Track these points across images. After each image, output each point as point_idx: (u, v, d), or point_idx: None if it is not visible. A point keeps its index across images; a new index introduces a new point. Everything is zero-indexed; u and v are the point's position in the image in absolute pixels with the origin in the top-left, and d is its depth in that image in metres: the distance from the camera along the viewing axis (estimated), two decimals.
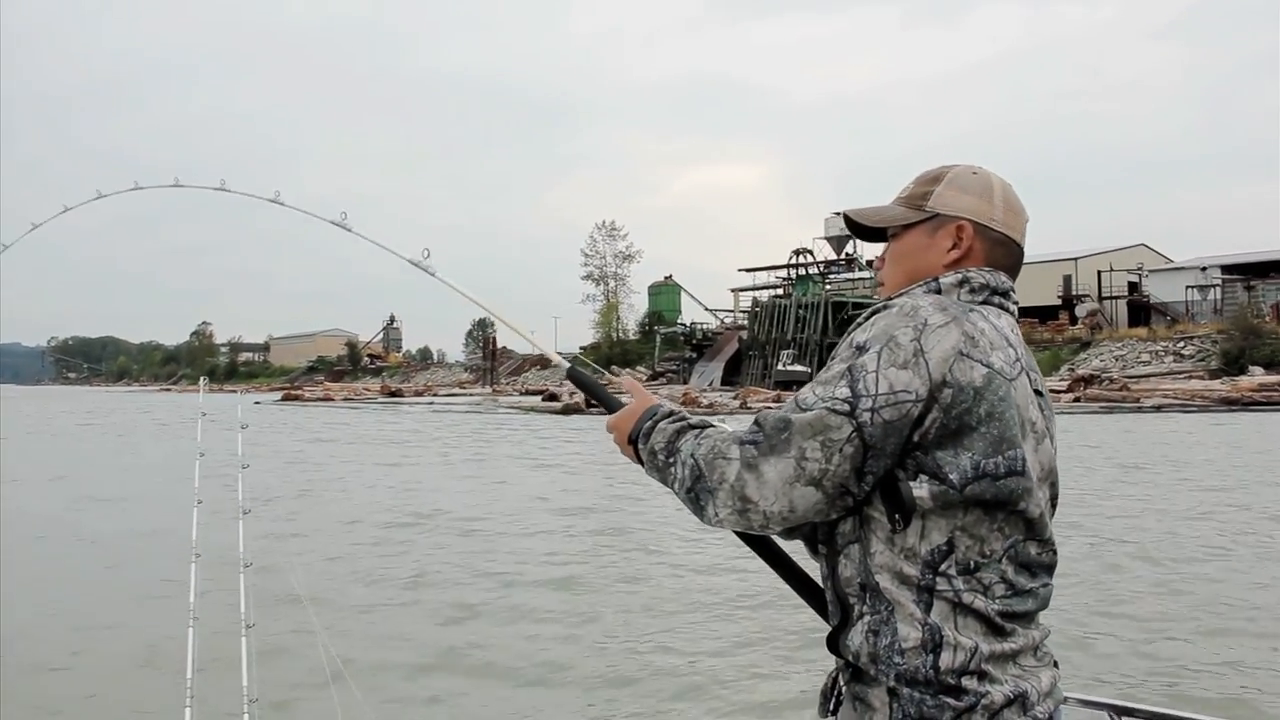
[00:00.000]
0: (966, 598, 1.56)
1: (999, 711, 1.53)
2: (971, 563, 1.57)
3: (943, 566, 1.56)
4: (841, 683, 1.67)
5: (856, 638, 1.60)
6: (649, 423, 1.78)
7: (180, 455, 2.98)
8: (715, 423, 1.77)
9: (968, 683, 1.53)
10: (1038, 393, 1.69)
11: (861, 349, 1.59)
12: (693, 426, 1.74)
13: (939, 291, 1.71)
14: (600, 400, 2.02)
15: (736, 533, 1.78)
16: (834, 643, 1.67)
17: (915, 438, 1.56)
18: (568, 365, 2.15)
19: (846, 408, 1.54)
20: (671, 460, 1.70)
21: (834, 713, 1.70)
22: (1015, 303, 1.79)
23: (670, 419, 1.77)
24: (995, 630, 1.57)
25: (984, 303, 1.71)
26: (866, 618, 1.60)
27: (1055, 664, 1.69)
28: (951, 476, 1.55)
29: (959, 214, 1.77)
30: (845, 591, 1.64)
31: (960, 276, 1.73)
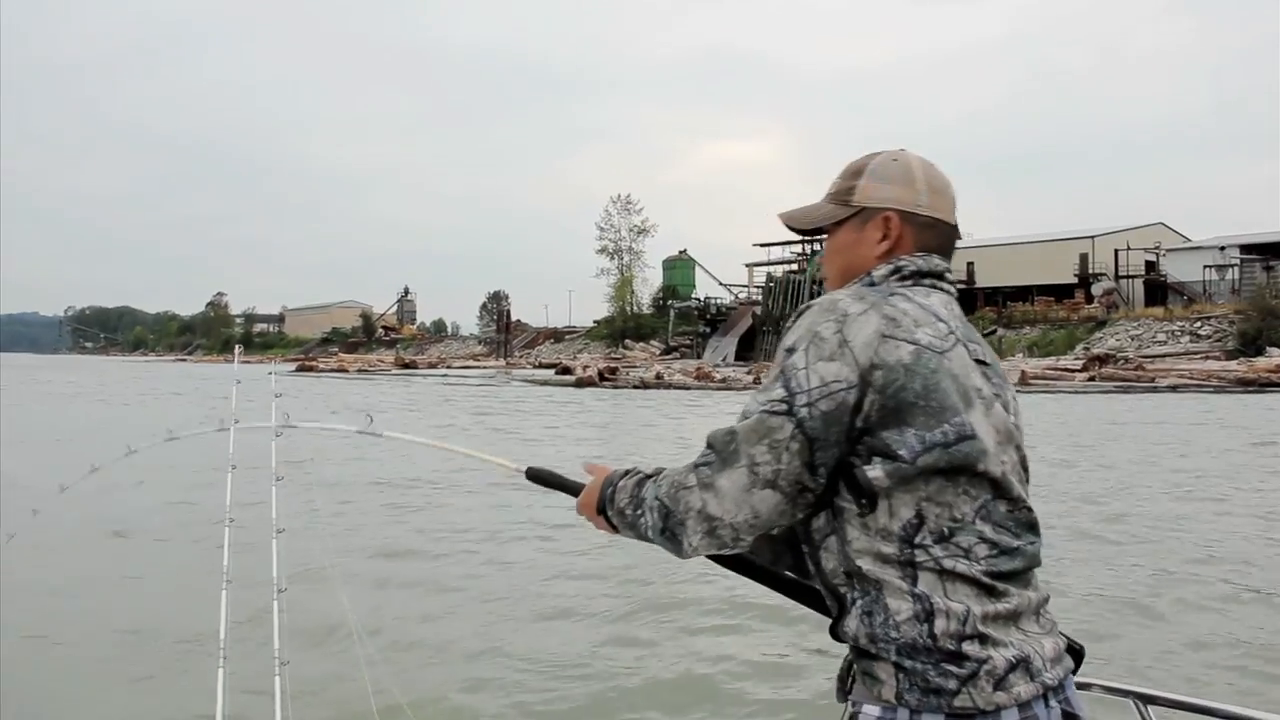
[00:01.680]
0: (948, 563, 1.60)
1: (1004, 676, 1.56)
2: (945, 529, 1.62)
3: (918, 539, 1.61)
4: (853, 662, 1.71)
5: (853, 622, 1.65)
6: (610, 489, 1.86)
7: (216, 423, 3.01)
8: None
9: (968, 648, 1.57)
10: (981, 362, 1.73)
11: (790, 350, 1.67)
12: (650, 476, 1.81)
13: (873, 284, 1.77)
14: (564, 489, 2.07)
15: (714, 558, 1.88)
16: (835, 632, 1.71)
17: (858, 423, 1.62)
18: (524, 470, 2.19)
19: (784, 407, 1.62)
20: (639, 510, 1.78)
21: (850, 694, 1.73)
22: (950, 281, 1.84)
23: (628, 476, 1.85)
24: (986, 590, 1.61)
25: (913, 286, 1.77)
26: (859, 601, 1.65)
27: (1062, 635, 1.72)
28: (901, 452, 1.61)
29: (884, 205, 1.82)
30: (834, 583, 1.70)
31: (892, 267, 1.79)
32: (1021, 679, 1.58)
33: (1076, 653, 1.77)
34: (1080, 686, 1.91)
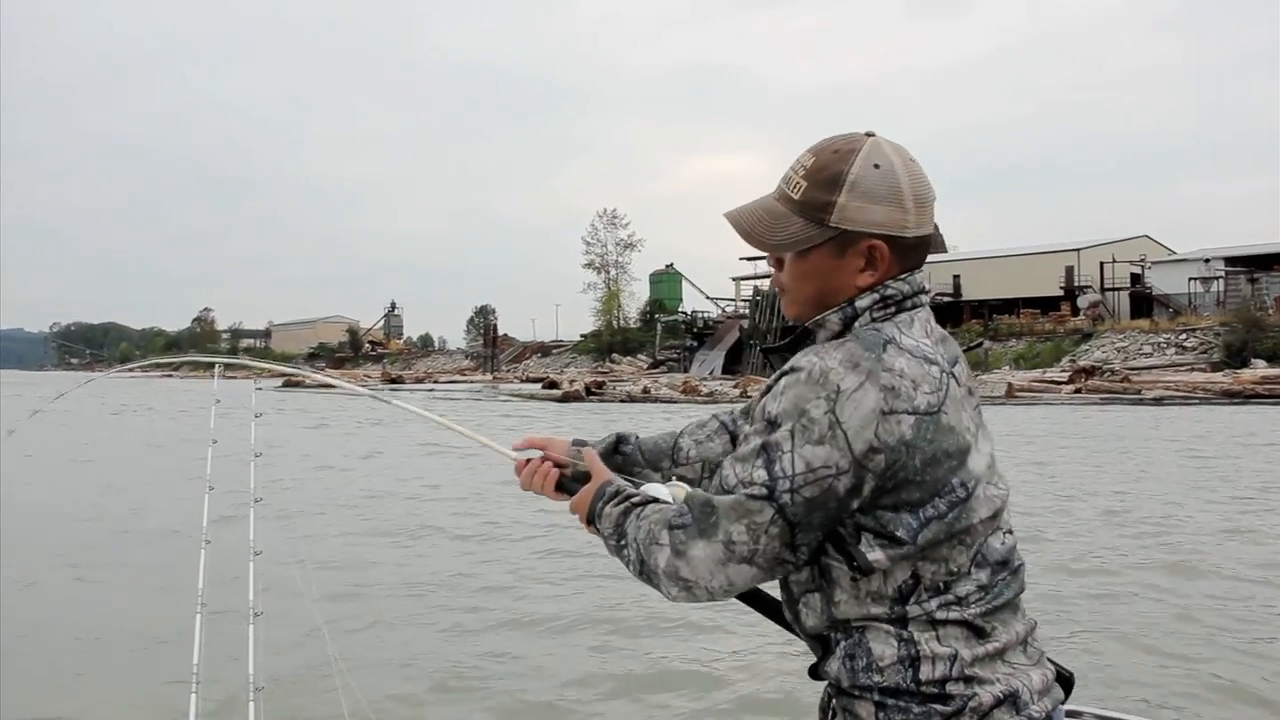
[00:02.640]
0: (940, 614, 1.53)
1: (989, 712, 1.51)
2: (941, 584, 1.54)
3: (913, 598, 1.54)
4: (832, 698, 1.64)
5: (834, 664, 1.59)
6: (599, 504, 1.76)
7: (195, 445, 2.98)
8: (660, 493, 1.78)
9: (953, 688, 1.51)
10: (967, 383, 1.64)
11: (773, 424, 1.51)
12: (636, 505, 1.70)
13: (854, 317, 1.62)
14: (560, 490, 1.99)
15: None
16: (815, 672, 1.66)
17: (851, 505, 1.51)
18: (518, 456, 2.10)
19: (764, 491, 1.50)
20: (622, 544, 1.68)
21: None
22: (928, 292, 1.70)
23: (614, 501, 1.74)
24: (976, 632, 1.54)
25: (897, 311, 1.62)
26: (842, 644, 1.58)
27: (1050, 662, 1.66)
28: (899, 534, 1.51)
29: (869, 229, 1.60)
30: (814, 634, 1.63)
31: (878, 297, 1.62)
32: (1007, 714, 1.52)
33: (1066, 680, 1.70)
34: (1071, 715, 1.89)
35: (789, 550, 1.52)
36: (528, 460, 2.01)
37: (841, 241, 1.61)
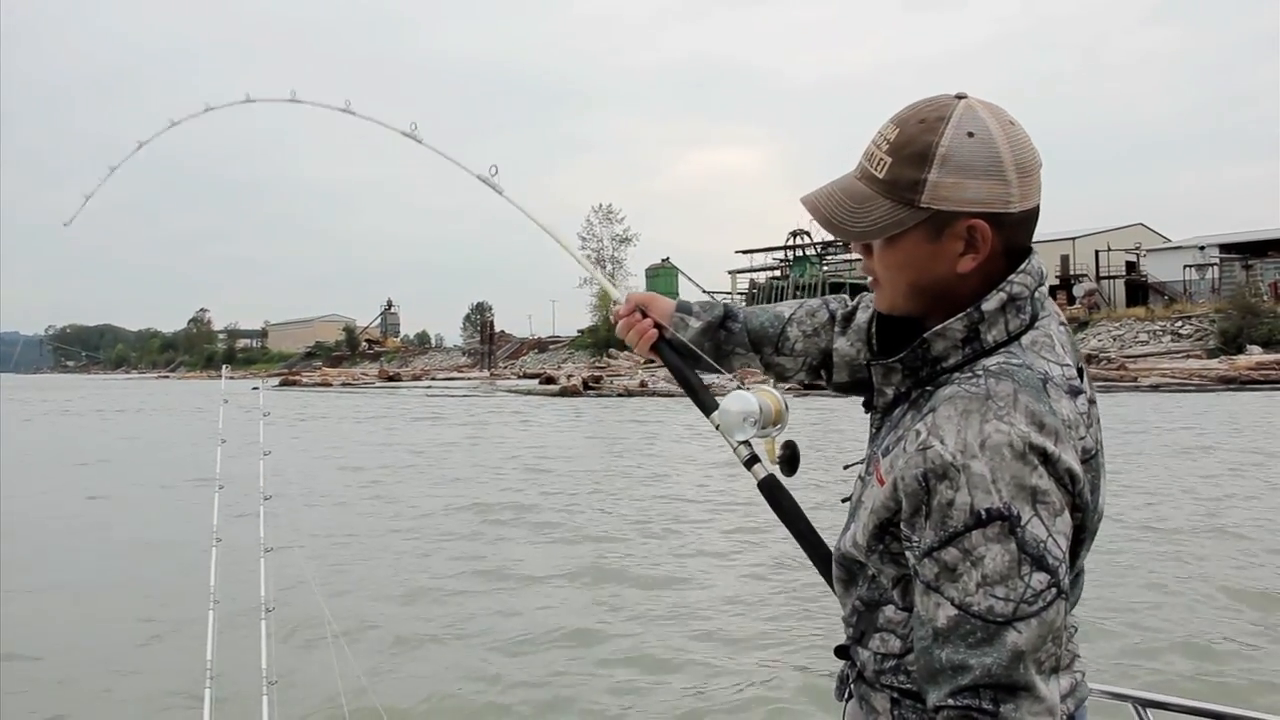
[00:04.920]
0: None
1: None
2: None
3: None
4: (850, 680, 1.60)
5: (864, 653, 1.54)
6: None
7: (204, 440, 3.01)
8: (745, 403, 1.72)
9: None
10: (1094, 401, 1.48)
11: (1008, 519, 1.26)
12: None
13: (979, 322, 1.42)
14: (654, 351, 1.95)
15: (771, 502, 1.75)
16: (842, 651, 1.61)
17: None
18: (666, 336, 1.95)
19: (1055, 592, 1.27)
20: None
21: (846, 704, 1.63)
22: (1046, 280, 1.49)
23: None
24: None
25: (1032, 320, 1.43)
26: (875, 638, 1.52)
27: (1079, 658, 1.56)
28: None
29: (968, 209, 1.39)
30: (860, 629, 1.56)
31: (1003, 298, 1.41)
32: None
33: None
34: None
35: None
36: (631, 312, 1.97)
37: (936, 223, 1.41)
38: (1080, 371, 1.45)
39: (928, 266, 1.44)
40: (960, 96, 1.43)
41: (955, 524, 1.28)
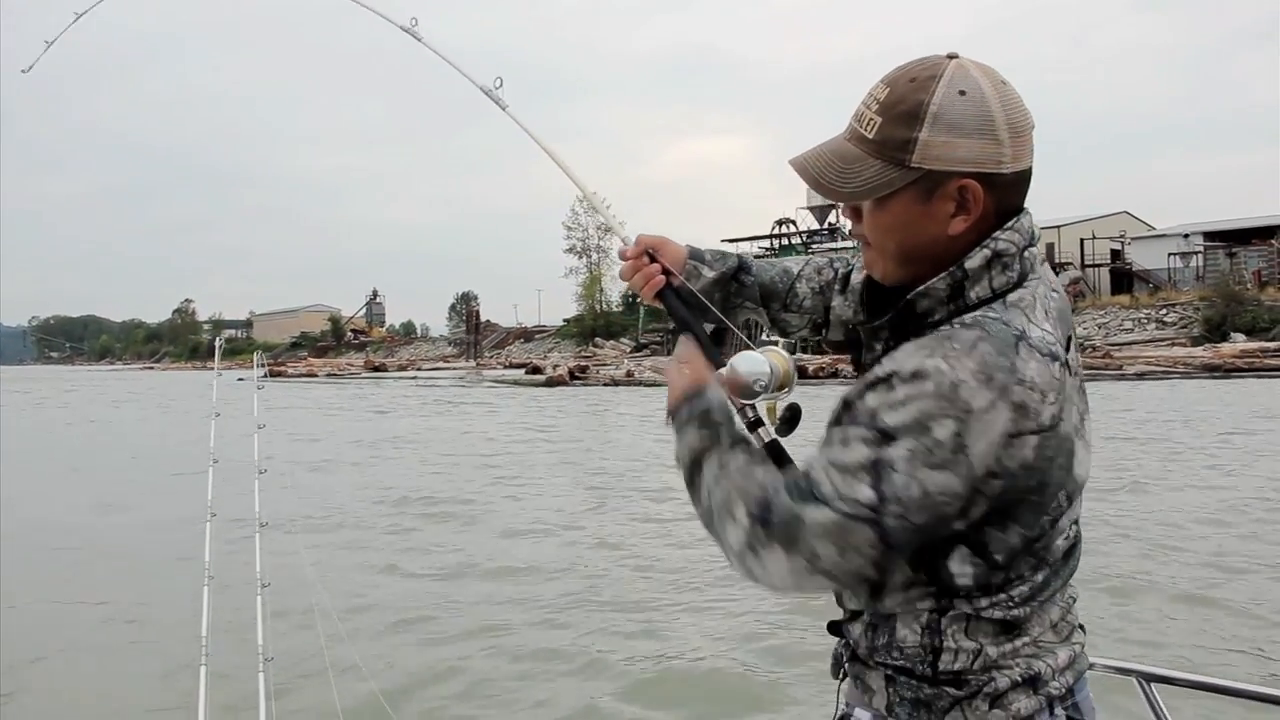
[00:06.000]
0: (986, 612, 1.42)
1: (1004, 694, 1.42)
2: (992, 584, 1.42)
3: (964, 594, 1.42)
4: (845, 659, 1.59)
5: (856, 629, 1.53)
6: (685, 410, 1.56)
7: (198, 418, 2.98)
8: (755, 364, 1.63)
9: (970, 676, 1.43)
10: (1080, 372, 1.46)
11: (888, 436, 1.31)
12: (720, 443, 1.50)
13: (963, 280, 1.41)
14: (659, 299, 1.83)
15: None
16: (835, 628, 1.60)
17: (955, 527, 1.36)
18: (671, 285, 1.82)
19: (869, 513, 1.31)
20: (695, 485, 1.51)
21: (842, 683, 1.62)
22: (1038, 240, 1.48)
23: (699, 422, 1.53)
24: (1007, 630, 1.43)
25: (1019, 279, 1.42)
26: (868, 613, 1.51)
27: (1080, 629, 1.54)
28: (997, 556, 1.39)
29: (959, 168, 1.38)
30: (854, 609, 1.55)
31: (988, 254, 1.41)
32: (1024, 694, 1.43)
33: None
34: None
35: (874, 569, 1.36)
36: (640, 255, 1.82)
37: (927, 184, 1.39)
38: (1069, 341, 1.44)
39: (919, 228, 1.42)
40: (952, 56, 1.41)
41: (855, 416, 1.35)
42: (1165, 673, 2.09)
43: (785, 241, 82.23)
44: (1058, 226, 69.75)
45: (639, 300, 1.95)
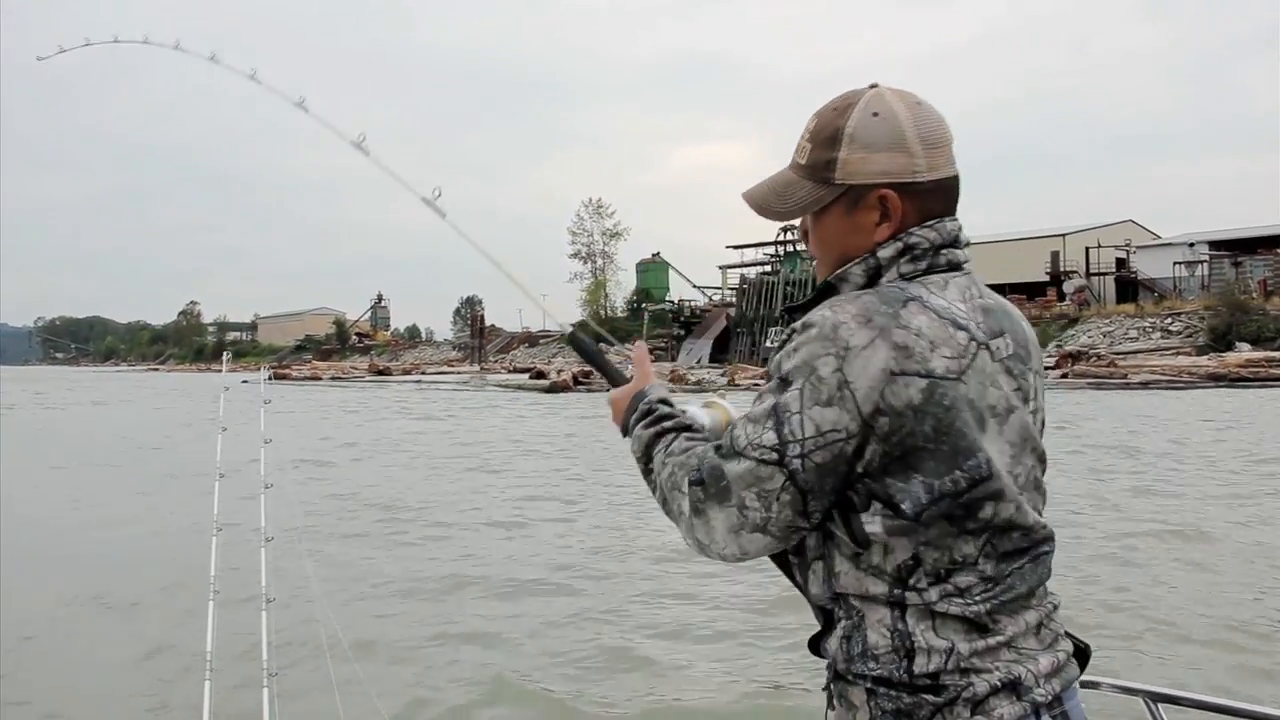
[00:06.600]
0: (940, 606, 1.47)
1: (983, 700, 1.44)
2: (942, 570, 1.48)
3: (911, 580, 1.48)
4: (830, 680, 1.60)
5: (833, 643, 1.55)
6: (633, 418, 1.74)
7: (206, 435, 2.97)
8: (698, 417, 1.73)
9: (947, 679, 1.45)
10: (1006, 357, 1.54)
11: (785, 382, 1.47)
12: (666, 432, 1.67)
13: (878, 270, 1.55)
14: (602, 372, 2.00)
15: None
16: (815, 647, 1.62)
17: (858, 469, 1.46)
18: (569, 329, 2.07)
19: (775, 456, 1.45)
20: (650, 476, 1.67)
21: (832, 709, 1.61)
22: (965, 244, 1.62)
23: (647, 421, 1.71)
24: (978, 628, 1.47)
25: (929, 269, 1.55)
26: (842, 623, 1.54)
27: (1065, 637, 1.59)
28: (904, 506, 1.45)
29: (876, 180, 1.54)
30: (818, 602, 1.59)
31: (900, 246, 1.55)
32: (1006, 700, 1.46)
33: (1082, 652, 1.63)
34: (1088, 685, 1.86)
35: (802, 518, 1.48)
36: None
37: (851, 197, 1.57)
38: (1002, 336, 1.55)
39: (849, 238, 1.58)
40: (873, 86, 1.60)
41: (769, 374, 1.51)
42: (1172, 692, 2.07)
43: (790, 249, 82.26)
44: (1063, 235, 69.77)
45: (644, 307, 2.05)
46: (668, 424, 1.69)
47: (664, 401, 1.74)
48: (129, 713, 5.47)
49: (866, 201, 1.56)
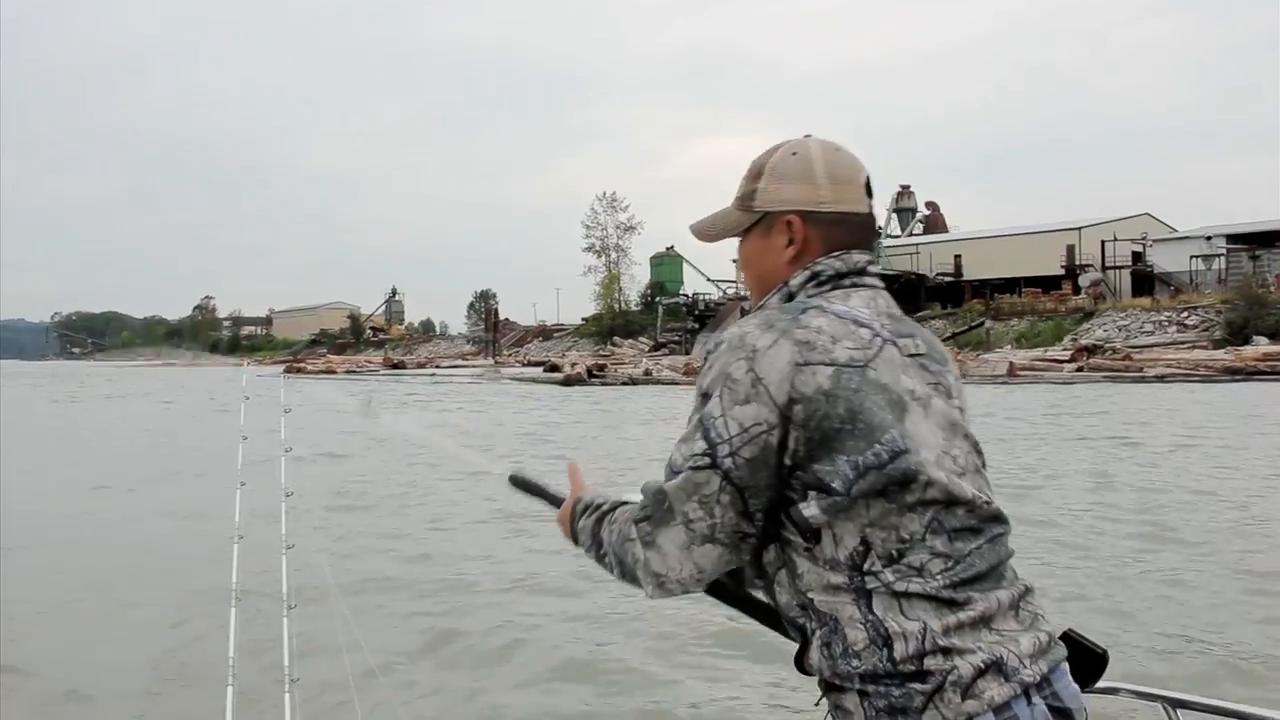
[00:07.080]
0: (900, 585, 1.52)
1: (972, 683, 1.47)
2: (894, 551, 1.53)
3: (866, 565, 1.53)
4: (823, 695, 1.62)
5: (815, 655, 1.58)
6: (577, 523, 1.88)
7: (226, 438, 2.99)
8: (627, 498, 1.82)
9: (930, 663, 1.48)
10: (917, 354, 1.65)
11: (705, 396, 1.60)
12: (606, 512, 1.81)
13: (791, 296, 1.70)
14: (544, 498, 2.15)
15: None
16: (800, 664, 1.64)
17: (787, 461, 1.55)
18: (507, 477, 2.25)
19: (707, 460, 1.56)
20: (603, 554, 1.78)
21: None
22: (874, 274, 1.74)
23: (588, 513, 1.86)
24: (945, 604, 1.52)
25: (832, 290, 1.69)
26: (818, 633, 1.57)
27: (1045, 619, 1.61)
28: (835, 485, 1.52)
29: (785, 207, 1.74)
30: (791, 615, 1.63)
31: (807, 274, 1.71)
32: (994, 682, 1.48)
33: (1099, 657, 1.68)
34: (1107, 691, 1.87)
35: (745, 520, 1.58)
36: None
37: (767, 222, 1.77)
38: (913, 339, 1.67)
39: (765, 259, 1.78)
40: (807, 136, 1.81)
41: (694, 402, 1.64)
42: (1191, 698, 2.06)
43: None
44: (1078, 228, 69.58)
45: (658, 301, 2.19)
46: (605, 506, 1.84)
47: (600, 499, 1.88)
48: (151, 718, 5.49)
49: (777, 225, 1.75)
